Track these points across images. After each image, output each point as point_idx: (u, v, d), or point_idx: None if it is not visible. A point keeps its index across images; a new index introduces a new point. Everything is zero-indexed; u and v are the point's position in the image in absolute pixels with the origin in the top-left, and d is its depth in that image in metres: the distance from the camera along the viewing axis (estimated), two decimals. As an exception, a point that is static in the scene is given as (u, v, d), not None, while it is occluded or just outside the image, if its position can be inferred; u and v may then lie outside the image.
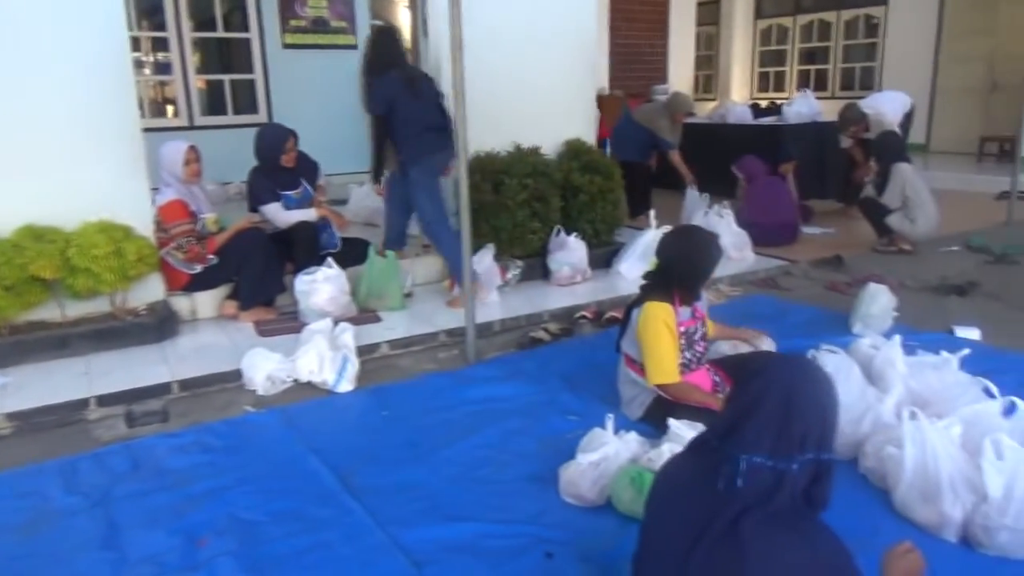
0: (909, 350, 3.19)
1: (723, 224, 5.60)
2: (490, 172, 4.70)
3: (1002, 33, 9.98)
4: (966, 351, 3.03)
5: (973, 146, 10.28)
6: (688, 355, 2.97)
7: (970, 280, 4.93)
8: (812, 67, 12.69)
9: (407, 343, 3.99)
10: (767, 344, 3.40)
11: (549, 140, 5.18)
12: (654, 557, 1.55)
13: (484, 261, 4.49)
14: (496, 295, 4.56)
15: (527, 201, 4.74)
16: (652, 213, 5.32)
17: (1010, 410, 2.55)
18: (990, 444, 2.25)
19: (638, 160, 6.75)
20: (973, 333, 3.97)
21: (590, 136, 5.46)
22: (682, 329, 2.95)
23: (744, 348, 3.33)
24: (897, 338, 3.13)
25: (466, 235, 3.64)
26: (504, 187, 4.67)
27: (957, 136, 10.51)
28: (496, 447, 2.90)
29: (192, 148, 4.19)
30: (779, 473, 1.38)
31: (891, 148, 5.88)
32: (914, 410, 2.47)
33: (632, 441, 2.58)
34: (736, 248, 5.52)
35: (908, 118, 7.03)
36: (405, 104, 4.27)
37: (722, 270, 5.19)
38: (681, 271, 2.90)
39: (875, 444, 2.57)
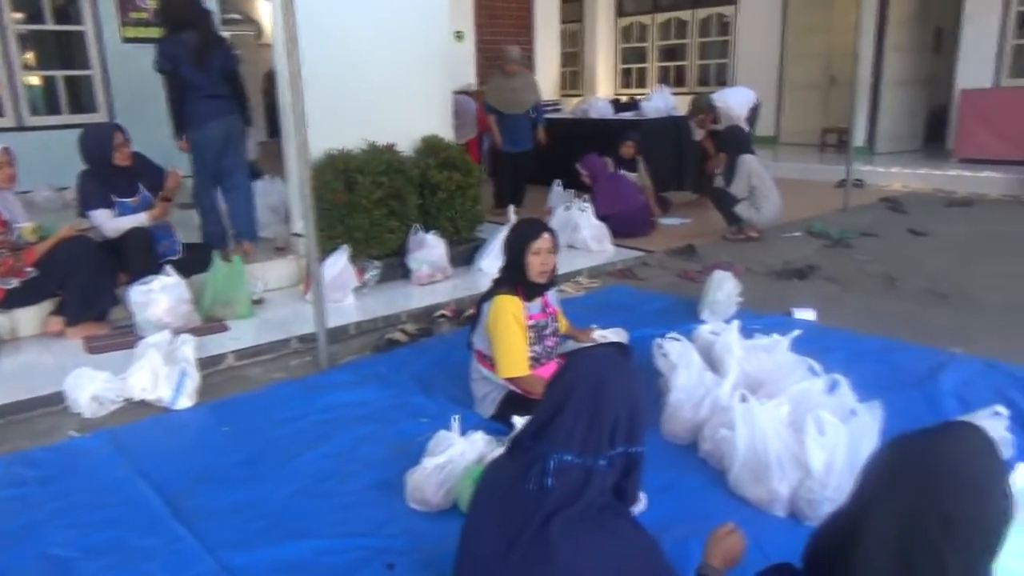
0: (748, 334, 3.32)
1: (584, 217, 5.70)
2: (343, 170, 4.55)
3: (836, 31, 10.71)
4: (797, 332, 3.19)
5: (816, 137, 11.01)
6: (538, 349, 2.98)
7: (810, 264, 5.23)
8: (671, 63, 13.18)
9: (255, 352, 3.80)
10: (617, 336, 3.47)
11: (405, 137, 5.08)
12: (472, 563, 1.51)
13: (339, 263, 4.34)
14: (352, 297, 4.43)
15: (383, 200, 4.62)
16: (512, 208, 5.33)
17: (833, 387, 2.69)
18: (812, 421, 2.37)
19: (526, 149, 6.88)
20: (809, 314, 4.20)
21: (447, 132, 5.39)
22: (531, 323, 2.94)
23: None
24: (735, 323, 3.26)
25: (311, 236, 3.50)
26: (358, 186, 4.53)
27: (802, 128, 11.20)
28: (344, 456, 2.79)
29: (5, 150, 3.82)
30: (588, 470, 1.37)
31: (736, 141, 6.18)
32: (744, 393, 2.57)
33: (479, 441, 2.54)
34: (596, 240, 5.62)
35: (755, 112, 7.40)
36: (188, 69, 4.34)
37: (582, 262, 5.32)
38: (508, 263, 2.92)
39: (712, 428, 2.65)
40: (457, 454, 2.45)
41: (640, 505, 2.33)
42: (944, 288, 4.71)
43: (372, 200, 4.55)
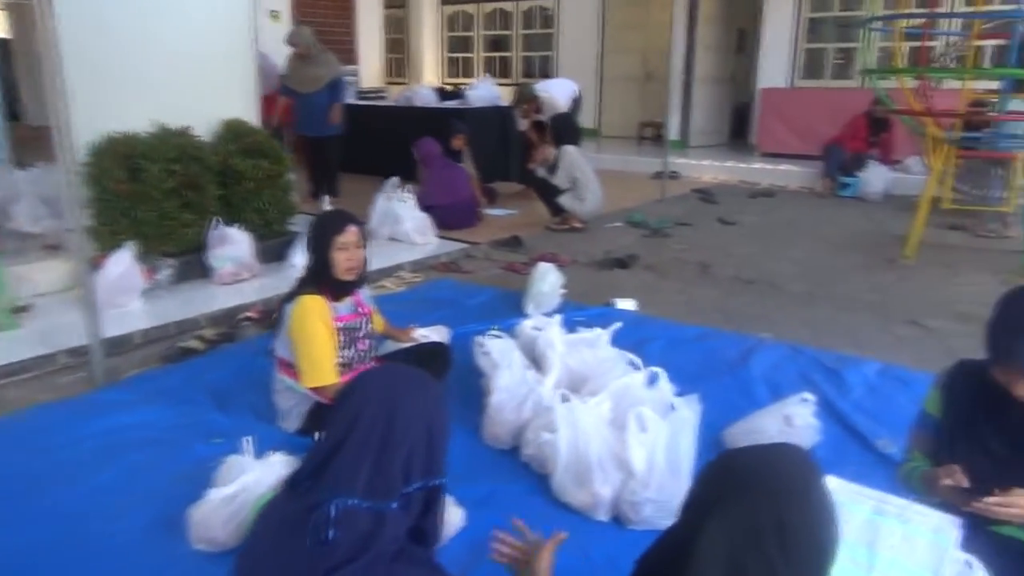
0: (571, 327, 3.24)
1: (405, 209, 5.44)
2: (126, 156, 4.00)
3: (651, 29, 11.14)
4: (618, 324, 3.15)
5: (634, 131, 11.42)
6: (349, 353, 2.70)
7: (631, 254, 5.31)
8: (497, 54, 13.17)
9: (16, 370, 3.22)
10: (438, 334, 3.27)
11: (203, 120, 4.57)
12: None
13: (122, 262, 3.80)
14: (140, 301, 3.90)
15: (176, 190, 4.12)
16: (327, 199, 4.97)
17: (653, 380, 2.64)
18: (633, 418, 2.28)
19: (330, 135, 6.39)
20: (630, 304, 4.23)
21: (253, 116, 4.93)
22: (340, 325, 2.67)
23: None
24: (557, 318, 3.16)
25: (78, 230, 3.00)
26: (145, 174, 4.00)
27: (621, 121, 11.59)
28: (116, 490, 2.38)
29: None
30: (378, 515, 1.14)
31: (564, 130, 6.19)
32: (565, 392, 2.45)
33: (277, 463, 2.23)
34: (419, 233, 5.39)
35: (576, 103, 7.48)
36: None
37: (404, 256, 5.07)
38: (312, 260, 2.64)
39: (535, 430, 2.51)
40: (251, 482, 2.13)
41: (456, 522, 2.14)
42: (751, 275, 4.93)
43: (162, 190, 4.03)
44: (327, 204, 4.87)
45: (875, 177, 7.62)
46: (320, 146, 6.59)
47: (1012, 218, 5.90)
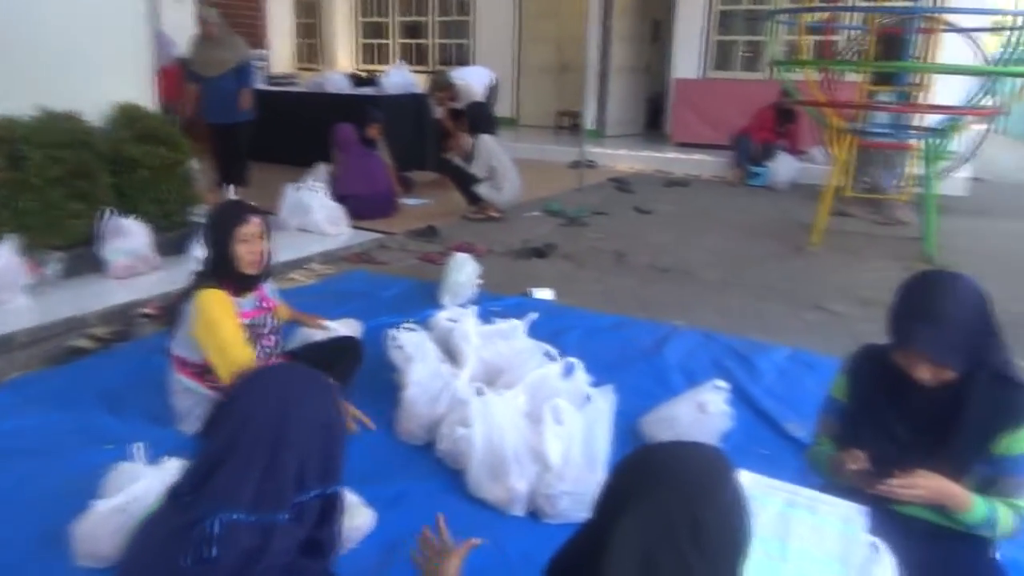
0: (488, 317, 3.19)
1: (316, 198, 5.26)
2: (3, 141, 3.69)
3: (566, 17, 11.15)
4: (534, 315, 3.11)
5: (551, 120, 11.44)
6: (254, 351, 2.56)
7: (548, 243, 5.29)
8: (413, 41, 12.94)
9: None
10: (349, 328, 3.16)
11: (93, 104, 4.27)
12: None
13: (1, 255, 3.51)
14: (25, 297, 3.62)
15: (62, 178, 3.83)
16: (232, 188, 4.75)
17: (569, 371, 2.61)
18: (549, 411, 2.25)
19: (238, 121, 6.09)
20: (547, 294, 4.20)
21: (147, 100, 4.64)
22: (246, 321, 2.53)
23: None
24: (472, 309, 3.11)
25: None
26: (27, 161, 3.71)
27: (539, 111, 11.58)
28: (-5, 503, 2.18)
29: None
30: (266, 529, 1.05)
31: (480, 118, 6.11)
32: (480, 385, 2.40)
33: (172, 469, 2.09)
34: (331, 223, 5.22)
35: (492, 92, 7.41)
36: None
37: (315, 247, 4.90)
38: (211, 254, 2.49)
39: (449, 425, 2.44)
40: (142, 491, 1.98)
41: (366, 525, 2.05)
42: (666, 263, 4.99)
43: (46, 178, 3.75)
44: (232, 194, 4.64)
45: (783, 167, 7.87)
46: (228, 133, 6.26)
47: (908, 206, 6.19)
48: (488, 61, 10.95)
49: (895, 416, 1.79)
